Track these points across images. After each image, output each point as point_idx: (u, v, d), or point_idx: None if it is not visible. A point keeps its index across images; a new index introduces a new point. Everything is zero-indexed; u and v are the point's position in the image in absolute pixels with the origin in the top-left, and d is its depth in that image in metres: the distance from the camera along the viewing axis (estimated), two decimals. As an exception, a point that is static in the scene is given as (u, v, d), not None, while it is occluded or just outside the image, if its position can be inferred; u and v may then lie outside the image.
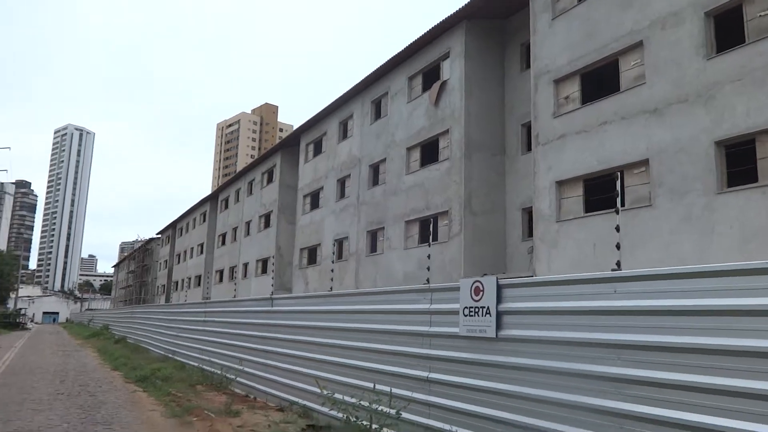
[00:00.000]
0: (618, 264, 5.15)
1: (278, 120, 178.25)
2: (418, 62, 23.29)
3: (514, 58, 20.87)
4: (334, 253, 26.30)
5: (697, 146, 12.72)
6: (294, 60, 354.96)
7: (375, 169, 25.80)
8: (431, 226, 15.98)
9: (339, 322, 9.04)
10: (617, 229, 5.60)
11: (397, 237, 22.89)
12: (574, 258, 14.93)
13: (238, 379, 12.78)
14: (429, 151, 22.20)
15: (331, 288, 10.70)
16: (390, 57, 24.41)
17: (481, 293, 6.45)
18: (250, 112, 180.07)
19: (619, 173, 6.40)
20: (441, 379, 6.87)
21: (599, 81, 15.66)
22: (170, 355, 19.07)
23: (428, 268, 8.42)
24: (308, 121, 32.22)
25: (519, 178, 19.83)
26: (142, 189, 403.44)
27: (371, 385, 7.50)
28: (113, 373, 16.53)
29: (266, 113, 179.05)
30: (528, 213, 19.41)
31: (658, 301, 4.35)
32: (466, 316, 6.59)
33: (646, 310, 4.46)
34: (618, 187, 5.28)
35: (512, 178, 20.14)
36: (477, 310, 6.46)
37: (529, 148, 19.75)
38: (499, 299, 6.26)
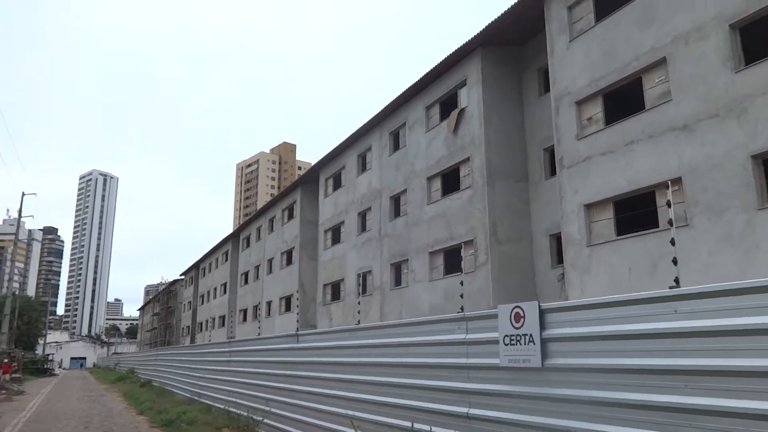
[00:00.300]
0: (677, 281, 4.74)
1: (296, 158, 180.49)
2: (434, 91, 23.26)
3: (531, 84, 20.71)
4: (360, 285, 25.85)
5: (732, 162, 12.25)
6: (311, 91, 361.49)
7: (396, 200, 25.59)
8: (460, 253, 15.59)
9: (369, 356, 8.65)
10: (672, 242, 5.22)
11: (422, 269, 22.48)
12: (609, 283, 14.37)
13: (265, 420, 12.36)
14: (450, 180, 21.95)
15: (358, 321, 10.33)
16: (406, 88, 24.46)
17: (522, 320, 6.06)
18: (268, 151, 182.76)
19: (669, 183, 6.01)
20: (482, 415, 6.43)
21: (623, 100, 15.36)
22: (196, 398, 18.70)
23: (461, 296, 8.04)
24: (326, 156, 32.31)
25: (544, 203, 19.41)
26: (164, 232, 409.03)
27: (407, 423, 7.08)
28: (138, 418, 16.19)
29: (284, 152, 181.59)
30: (556, 239, 18.92)
31: (731, 320, 3.93)
32: (506, 345, 6.18)
33: (717, 331, 4.03)
34: (669, 197, 4.90)
35: (537, 204, 19.73)
36: (519, 338, 6.05)
37: (553, 173, 19.38)
38: (542, 325, 5.86)
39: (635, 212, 14.36)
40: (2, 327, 44.57)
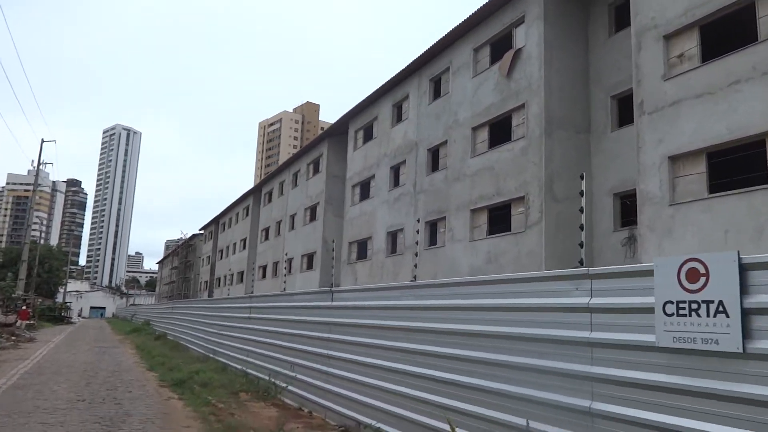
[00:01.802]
0: None
1: (320, 119, 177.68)
2: (485, 31, 20.73)
3: (600, 22, 18.12)
4: (418, 235, 23.09)
5: None
6: (338, 54, 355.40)
7: (434, 153, 23.36)
8: (508, 210, 13.46)
9: (432, 321, 6.66)
10: None
11: (462, 227, 20.38)
12: (698, 248, 12.14)
13: (289, 387, 10.60)
14: (499, 130, 19.63)
15: (414, 277, 8.32)
16: (451, 29, 21.94)
17: (704, 279, 3.96)
18: (291, 111, 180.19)
19: None
20: (616, 414, 4.42)
21: (726, 32, 12.84)
22: (211, 355, 17.19)
23: (581, 244, 5.97)
24: (357, 106, 30.00)
25: (608, 158, 17.08)
26: (186, 189, 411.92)
27: (504, 416, 5.13)
28: (148, 374, 14.65)
29: (308, 112, 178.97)
30: (621, 199, 16.67)
31: None
32: (670, 315, 4.11)
33: None
34: None
35: (600, 158, 17.39)
36: (696, 306, 3.97)
37: (621, 124, 17.04)
38: (743, 289, 3.78)
39: (737, 165, 12.02)
40: (19, 273, 43.93)
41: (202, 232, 72.68)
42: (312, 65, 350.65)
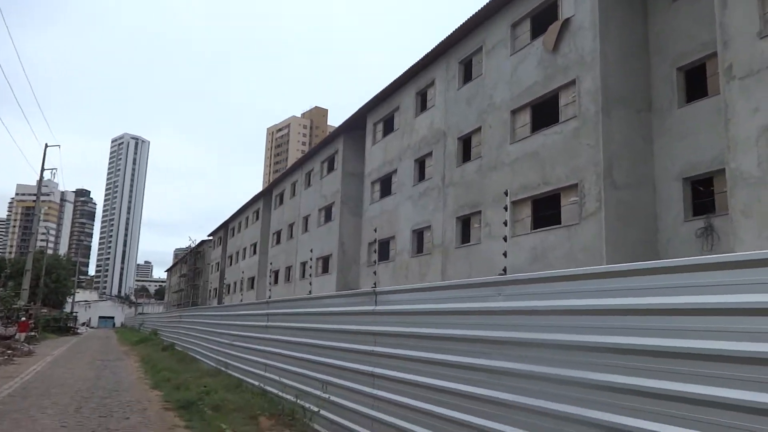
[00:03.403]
0: None
1: (328, 124, 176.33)
2: (525, 4, 18.64)
3: (659, -14, 15.98)
4: (506, 212, 20.86)
5: None
6: (346, 58, 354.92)
7: (466, 141, 21.24)
8: (557, 201, 11.30)
9: (546, 332, 4.50)
10: None
11: (500, 222, 18.22)
12: (814, 236, 9.96)
13: (321, 412, 8.49)
14: (544, 112, 17.51)
15: (504, 270, 6.14)
16: (484, 4, 19.86)
17: None
18: (300, 116, 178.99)
19: None
20: None
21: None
22: (223, 369, 15.14)
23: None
24: (376, 97, 27.96)
25: (675, 138, 14.91)
26: (195, 197, 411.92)
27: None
28: (151, 394, 12.60)
29: (316, 117, 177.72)
30: (691, 184, 14.49)
31: None
32: None
33: None
34: None
35: (664, 139, 15.21)
36: None
37: (689, 99, 14.86)
38: None
39: None
40: (23, 283, 42.19)
41: (210, 238, 70.87)
42: (320, 70, 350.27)
